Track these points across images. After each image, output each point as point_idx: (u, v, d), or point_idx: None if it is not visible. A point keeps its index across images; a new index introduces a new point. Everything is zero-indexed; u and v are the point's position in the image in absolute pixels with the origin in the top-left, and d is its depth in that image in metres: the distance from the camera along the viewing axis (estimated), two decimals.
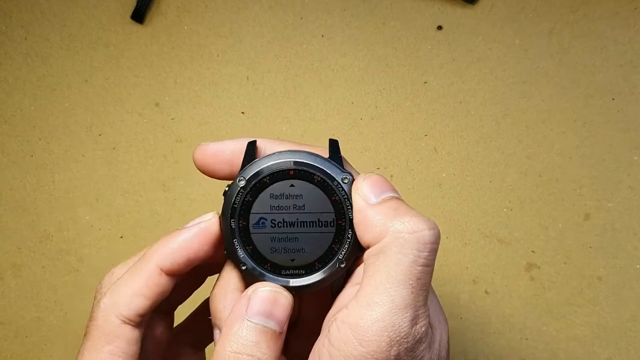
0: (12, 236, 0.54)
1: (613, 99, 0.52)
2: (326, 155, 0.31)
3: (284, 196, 0.30)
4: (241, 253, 0.31)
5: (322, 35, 0.54)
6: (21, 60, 0.55)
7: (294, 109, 0.53)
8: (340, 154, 0.31)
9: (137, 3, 0.54)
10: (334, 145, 0.31)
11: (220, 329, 0.30)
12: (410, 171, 0.53)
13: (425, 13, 0.53)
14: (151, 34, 0.54)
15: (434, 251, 0.28)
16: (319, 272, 0.31)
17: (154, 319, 0.34)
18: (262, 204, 0.31)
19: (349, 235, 0.30)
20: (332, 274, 0.31)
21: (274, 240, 0.31)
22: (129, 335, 0.30)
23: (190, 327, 0.37)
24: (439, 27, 0.53)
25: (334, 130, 0.53)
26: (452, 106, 0.53)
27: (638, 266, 0.50)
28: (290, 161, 0.30)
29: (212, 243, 0.31)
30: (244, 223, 0.31)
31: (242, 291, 0.31)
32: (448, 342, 0.29)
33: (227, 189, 0.31)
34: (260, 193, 0.31)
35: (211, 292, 0.32)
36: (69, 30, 0.55)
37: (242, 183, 0.30)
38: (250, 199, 0.30)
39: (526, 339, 0.51)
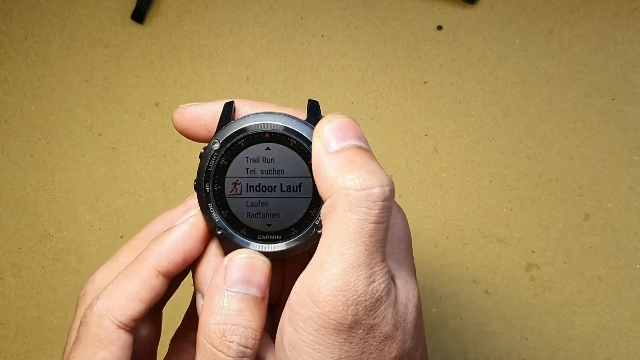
0: (12, 236, 0.54)
1: (613, 99, 0.52)
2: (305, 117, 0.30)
3: (260, 159, 0.30)
4: (216, 217, 0.30)
5: (322, 35, 0.54)
6: (21, 60, 0.55)
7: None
8: (319, 115, 0.30)
9: (137, 3, 0.54)
10: (313, 106, 0.30)
11: (202, 294, 0.30)
12: (410, 171, 0.53)
13: (425, 13, 0.53)
14: (151, 34, 0.54)
15: (385, 208, 0.26)
16: (295, 238, 0.30)
17: (144, 319, 0.33)
18: (237, 168, 0.30)
19: None
20: (309, 240, 0.30)
21: (250, 205, 0.30)
22: (123, 341, 0.29)
23: (192, 324, 0.37)
24: (439, 27, 0.53)
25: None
26: (452, 106, 0.53)
27: (638, 266, 0.50)
28: (266, 123, 0.29)
29: (204, 237, 0.30)
30: (220, 187, 0.30)
31: (222, 255, 0.30)
32: (418, 306, 0.28)
33: (202, 151, 0.30)
34: (235, 156, 0.30)
35: (202, 258, 0.31)
36: (69, 30, 0.55)
37: (217, 146, 0.29)
38: (225, 162, 0.30)
39: (526, 339, 0.51)
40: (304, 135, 0.29)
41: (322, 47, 0.54)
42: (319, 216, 0.29)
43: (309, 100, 0.30)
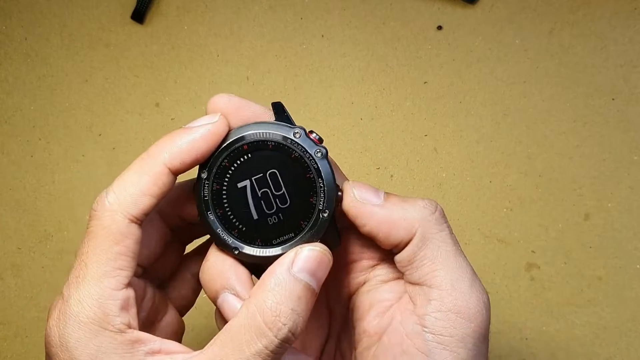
0: (12, 236, 0.54)
1: (613, 99, 0.52)
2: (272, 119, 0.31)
3: (248, 172, 0.31)
4: (229, 239, 0.31)
5: (322, 35, 0.54)
6: (21, 60, 0.55)
7: (294, 109, 0.53)
8: (286, 112, 0.31)
9: (137, 3, 0.54)
10: (277, 107, 0.31)
11: (235, 292, 0.30)
12: (410, 171, 0.53)
13: (425, 13, 0.53)
14: (151, 34, 0.54)
15: (447, 219, 0.31)
16: (307, 229, 0.31)
17: (146, 287, 0.33)
18: (231, 187, 0.31)
19: (321, 184, 0.30)
20: (320, 226, 0.31)
21: (255, 216, 0.31)
22: (136, 234, 0.29)
23: (174, 284, 0.37)
24: (439, 27, 0.53)
25: (334, 131, 0.53)
26: (452, 106, 0.53)
27: (638, 266, 0.50)
28: (240, 137, 0.30)
29: (217, 143, 0.30)
30: (221, 211, 0.31)
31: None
32: None
33: (193, 185, 0.31)
34: (224, 177, 0.31)
35: (206, 263, 0.32)
36: (69, 30, 0.55)
37: (204, 175, 0.30)
38: (217, 186, 0.31)
39: (526, 339, 0.51)
40: (279, 133, 0.30)
41: (322, 47, 0.54)
42: (320, 199, 0.30)
43: (272, 103, 0.31)
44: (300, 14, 0.54)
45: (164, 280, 0.36)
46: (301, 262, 0.29)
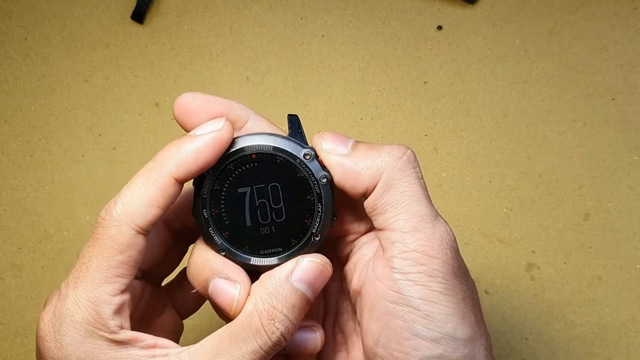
0: (12, 236, 0.54)
1: (613, 99, 0.52)
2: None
3: (251, 180, 0.31)
4: (218, 240, 0.31)
5: (322, 35, 0.54)
6: (21, 60, 0.55)
7: (294, 109, 0.53)
8: (300, 129, 0.31)
9: (137, 3, 0.54)
10: (293, 121, 0.32)
11: (225, 275, 0.30)
12: None
13: (425, 13, 0.53)
14: (151, 34, 0.54)
15: (418, 164, 0.31)
16: (296, 248, 0.31)
17: (144, 287, 0.34)
18: (231, 190, 0.31)
19: (319, 209, 0.31)
20: (308, 248, 0.31)
21: (249, 224, 0.31)
22: (141, 245, 0.29)
23: (177, 290, 0.37)
24: (439, 27, 0.53)
25: (334, 130, 0.53)
26: (452, 106, 0.53)
27: (638, 266, 0.50)
28: (251, 145, 0.31)
29: (223, 151, 0.30)
30: (217, 211, 0.31)
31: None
32: None
33: (195, 179, 0.31)
34: (227, 180, 0.31)
35: (192, 256, 0.32)
36: (69, 30, 0.55)
37: (208, 173, 0.31)
38: (217, 187, 0.31)
39: (526, 339, 0.51)
40: (289, 150, 0.31)
41: (322, 47, 0.54)
42: (315, 224, 0.31)
43: (289, 116, 0.32)
44: (300, 14, 0.54)
45: (162, 279, 0.36)
46: (301, 272, 0.30)
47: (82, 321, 0.28)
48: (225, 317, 0.31)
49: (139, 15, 0.54)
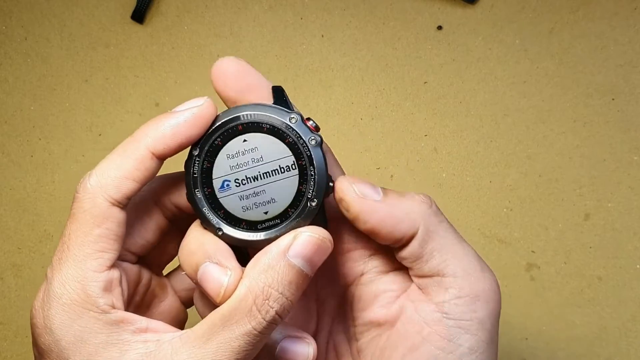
0: (12, 236, 0.54)
1: (613, 99, 0.52)
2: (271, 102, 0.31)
3: (240, 153, 0.30)
4: (214, 219, 0.30)
5: (322, 35, 0.54)
6: (21, 60, 0.55)
7: None
8: (285, 98, 0.31)
9: (137, 3, 0.54)
10: (277, 91, 0.31)
11: (217, 260, 0.29)
12: (410, 171, 0.53)
13: (425, 13, 0.53)
14: (151, 34, 0.54)
15: None
16: (294, 217, 0.30)
17: (142, 273, 0.33)
18: (221, 166, 0.30)
19: (312, 172, 0.30)
20: (307, 214, 0.30)
21: (243, 199, 0.30)
22: (118, 217, 0.29)
23: (180, 278, 0.37)
24: (439, 27, 0.53)
25: (334, 130, 0.53)
26: (452, 106, 0.53)
27: (638, 266, 0.50)
28: (235, 117, 0.30)
29: (205, 128, 0.30)
30: (209, 190, 0.30)
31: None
32: None
33: (185, 163, 0.31)
34: (216, 156, 0.30)
35: (185, 239, 0.31)
36: (69, 30, 0.55)
37: (196, 152, 0.30)
38: (208, 164, 0.30)
39: (526, 339, 0.51)
40: (275, 117, 0.30)
41: (322, 47, 0.54)
42: (310, 188, 0.30)
43: (273, 87, 0.32)
44: (300, 14, 0.54)
45: (162, 266, 0.36)
46: (298, 246, 0.28)
47: (70, 302, 0.27)
48: (210, 304, 0.30)
49: (139, 15, 0.54)
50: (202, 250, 0.30)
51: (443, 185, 0.52)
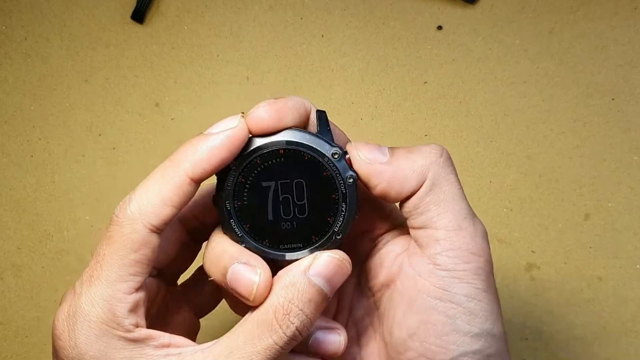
0: (12, 236, 0.54)
1: (613, 99, 0.52)
2: (315, 129, 0.32)
3: (276, 174, 0.31)
4: (239, 232, 0.31)
5: (322, 35, 0.54)
6: (21, 60, 0.55)
7: None
8: (329, 126, 0.31)
9: (137, 3, 0.54)
10: (321, 118, 0.31)
11: (245, 261, 0.30)
12: None
13: (425, 13, 0.53)
14: (151, 34, 0.54)
15: (453, 162, 0.32)
16: (317, 245, 0.31)
17: (159, 285, 0.34)
18: (255, 184, 0.31)
19: (343, 208, 0.31)
20: (330, 246, 0.31)
21: (271, 218, 0.31)
22: (155, 244, 0.29)
23: (193, 289, 0.37)
24: (439, 27, 0.53)
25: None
26: (452, 106, 0.53)
27: (638, 266, 0.50)
28: (279, 141, 0.31)
29: (239, 149, 0.30)
30: (239, 203, 0.31)
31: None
32: None
33: (219, 172, 0.31)
34: (252, 173, 0.31)
35: (210, 244, 0.32)
36: (69, 30, 0.55)
37: (233, 165, 0.31)
38: (242, 180, 0.31)
39: (526, 339, 0.51)
40: (317, 148, 0.30)
41: (322, 47, 0.54)
42: (338, 222, 0.31)
43: (317, 111, 0.32)
44: (300, 14, 0.54)
45: (177, 277, 0.36)
46: (319, 266, 0.29)
47: (97, 320, 0.28)
48: (242, 308, 0.31)
49: (139, 15, 0.54)
50: (228, 254, 0.30)
51: None
